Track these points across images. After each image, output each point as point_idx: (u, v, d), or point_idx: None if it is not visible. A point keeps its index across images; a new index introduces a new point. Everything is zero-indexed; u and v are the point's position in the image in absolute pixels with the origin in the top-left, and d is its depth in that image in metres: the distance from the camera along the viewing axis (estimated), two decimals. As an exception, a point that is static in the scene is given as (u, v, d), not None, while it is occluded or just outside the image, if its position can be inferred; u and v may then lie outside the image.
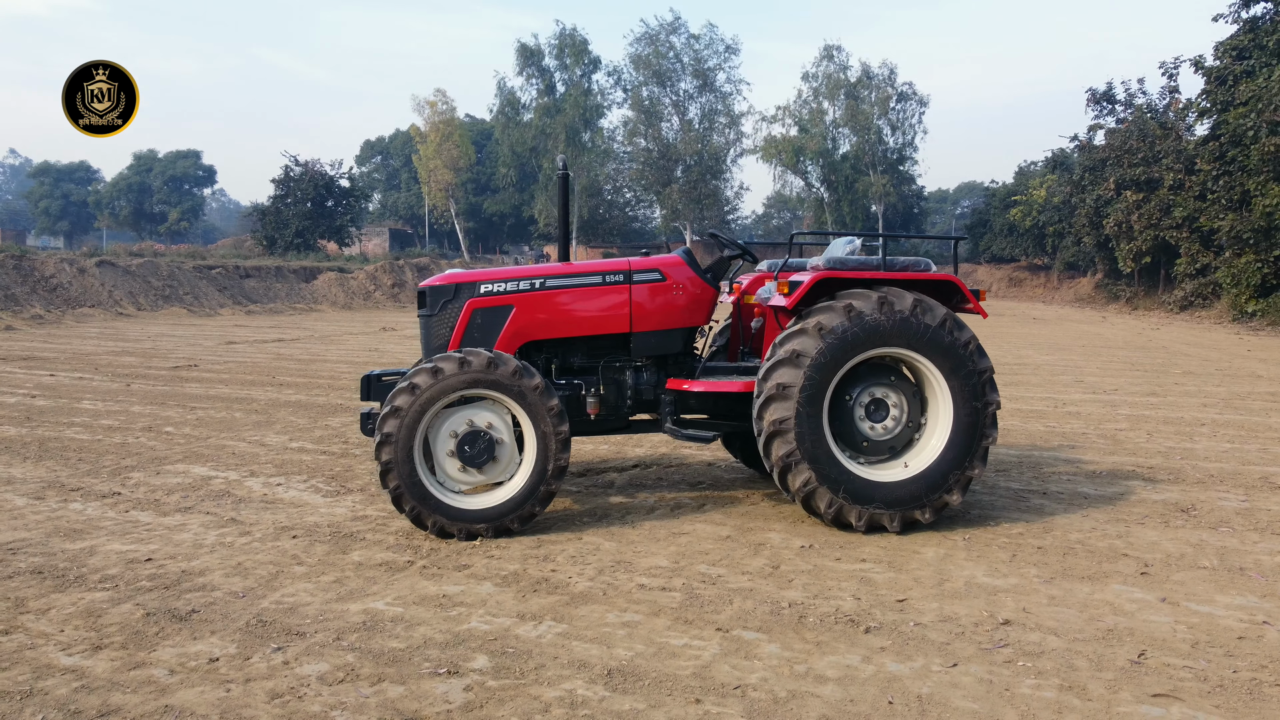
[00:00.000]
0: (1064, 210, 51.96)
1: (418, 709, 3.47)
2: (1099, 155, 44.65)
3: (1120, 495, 6.91)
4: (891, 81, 61.48)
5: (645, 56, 62.00)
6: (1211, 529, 6.03)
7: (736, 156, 64.79)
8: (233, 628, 4.22)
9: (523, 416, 5.59)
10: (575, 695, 3.58)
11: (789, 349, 5.70)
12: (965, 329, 5.85)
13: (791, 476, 5.75)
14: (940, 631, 4.26)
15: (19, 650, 3.95)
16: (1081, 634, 4.24)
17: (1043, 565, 5.23)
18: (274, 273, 40.96)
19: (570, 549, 5.44)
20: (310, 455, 8.11)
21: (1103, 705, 3.55)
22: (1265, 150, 28.27)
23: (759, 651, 4.01)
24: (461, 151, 64.10)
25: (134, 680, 3.68)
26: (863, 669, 3.85)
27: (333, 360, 16.74)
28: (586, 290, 6.18)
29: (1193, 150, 37.38)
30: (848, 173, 62.44)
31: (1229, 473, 7.72)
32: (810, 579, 4.96)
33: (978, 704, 3.55)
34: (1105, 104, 46.96)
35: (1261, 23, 33.76)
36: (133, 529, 5.82)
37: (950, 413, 5.85)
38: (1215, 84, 34.17)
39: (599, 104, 64.53)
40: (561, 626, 4.27)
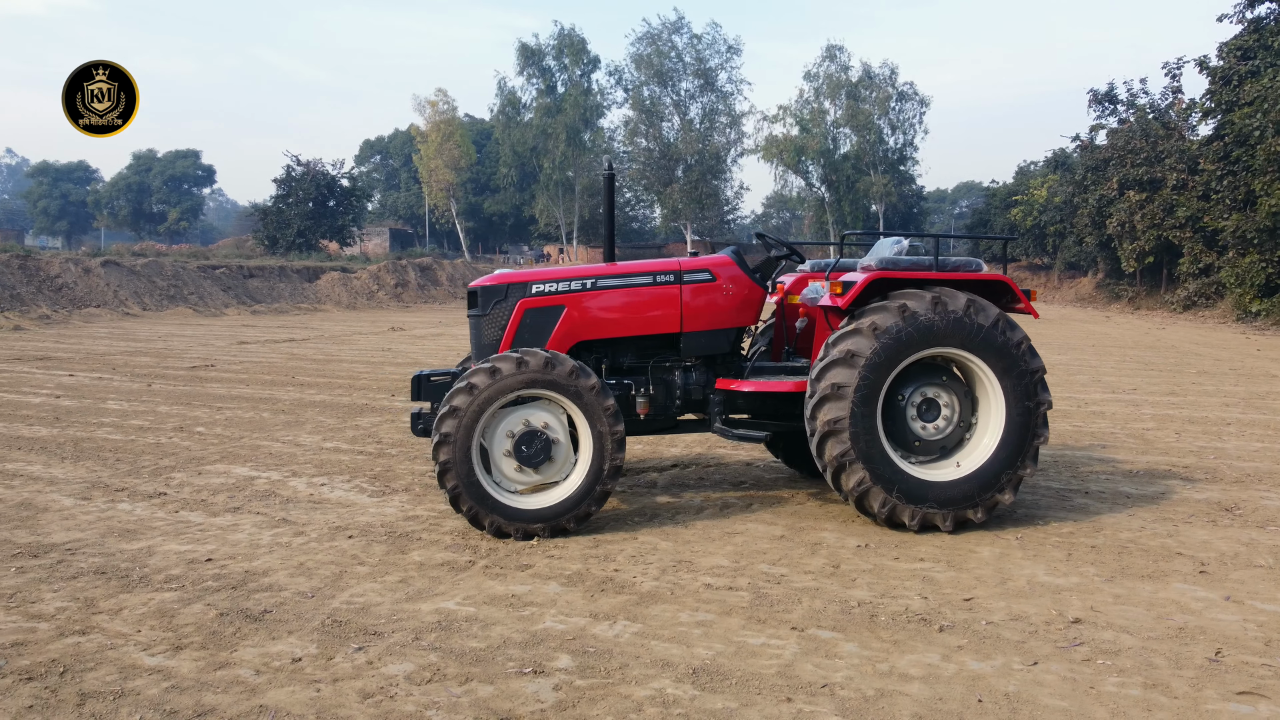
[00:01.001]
0: (1066, 210, 52.02)
1: (511, 708, 3.47)
2: (1102, 155, 44.71)
3: (1161, 494, 6.93)
4: (892, 81, 61.62)
5: (647, 56, 62.08)
6: (1260, 528, 6.05)
7: (737, 156, 64.93)
8: (308, 628, 4.22)
9: (579, 416, 5.60)
10: (665, 694, 3.59)
11: (843, 349, 5.71)
12: (1017, 329, 5.87)
13: (845, 476, 5.76)
14: (1013, 630, 4.27)
15: (100, 651, 3.96)
16: (1153, 632, 4.26)
17: (1100, 564, 5.25)
18: (277, 273, 40.93)
19: (629, 549, 5.45)
20: (348, 455, 8.11)
21: (1189, 703, 3.56)
22: (1271, 150, 28.34)
23: (838, 650, 4.03)
24: (462, 151, 64.13)
25: (221, 680, 3.68)
26: (944, 668, 3.86)
27: (348, 360, 16.73)
28: (637, 290, 6.19)
29: (1196, 150, 37.47)
30: (849, 172, 62.55)
31: (1265, 472, 7.75)
32: (873, 578, 4.98)
33: (1066, 701, 3.56)
34: (1107, 104, 47.05)
35: (1266, 23, 33.84)
36: (186, 529, 5.82)
37: (1003, 412, 5.87)
38: (1220, 84, 34.24)
39: (599, 104, 64.58)
40: (636, 626, 4.28)
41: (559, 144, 61.52)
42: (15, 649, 3.97)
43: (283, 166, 54.02)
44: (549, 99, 63.24)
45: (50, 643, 4.04)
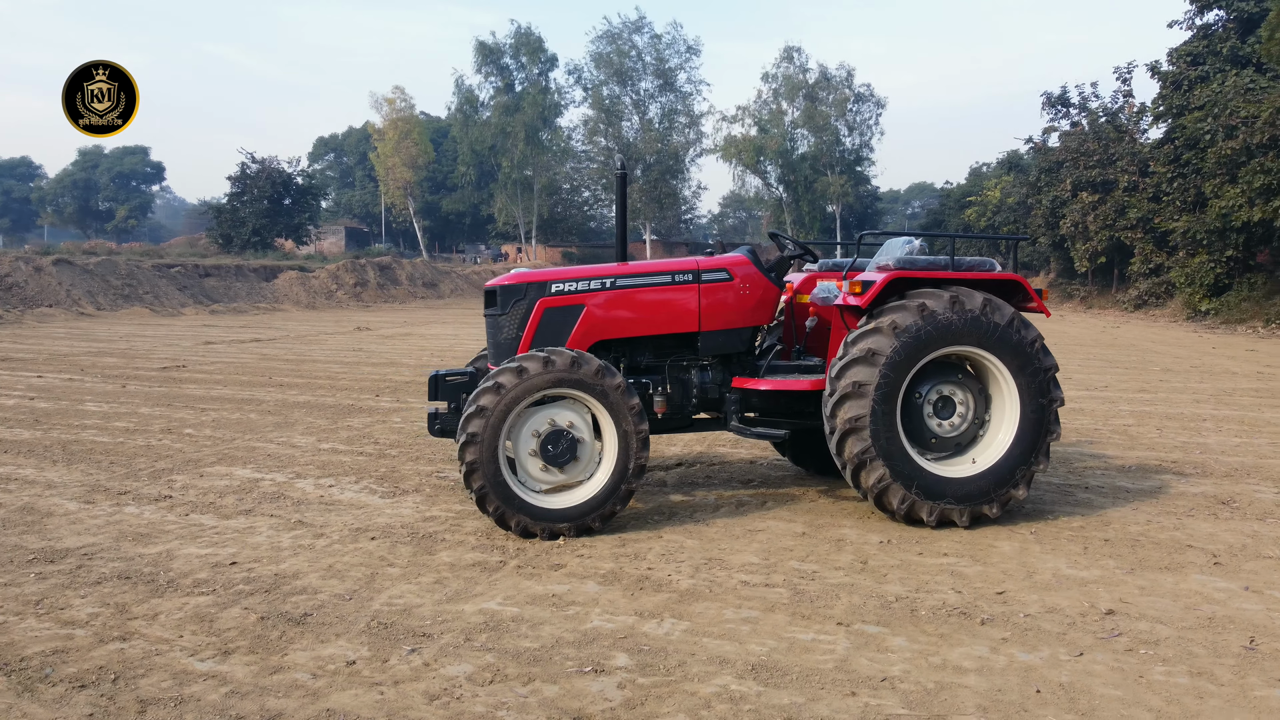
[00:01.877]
0: (1019, 211, 52.94)
1: (580, 707, 3.48)
2: (1055, 157, 45.56)
3: (1158, 489, 7.11)
4: (849, 83, 62.23)
5: (607, 55, 62.07)
6: (1259, 520, 6.23)
7: (696, 156, 65.16)
8: (354, 630, 4.18)
9: (604, 415, 5.60)
10: (730, 691, 3.62)
11: (864, 347, 5.78)
12: (1031, 327, 5.99)
13: (865, 474, 5.83)
14: (1051, 622, 4.36)
15: (146, 657, 3.88)
16: (1185, 622, 4.38)
17: (1118, 557, 5.38)
18: (234, 272, 40.29)
19: (657, 547, 5.47)
20: (348, 457, 8.02)
21: (1237, 690, 3.67)
22: (1222, 154, 29.10)
23: (888, 644, 4.08)
24: (420, 149, 63.58)
25: (280, 684, 3.63)
26: (995, 660, 3.94)
27: (322, 360, 16.52)
28: (656, 290, 6.21)
29: (1148, 153, 38.37)
30: (806, 173, 63.09)
31: (1251, 466, 7.98)
32: (904, 573, 5.05)
33: (1120, 691, 3.65)
34: (1060, 107, 47.95)
35: (1214, 29, 34.78)
36: (201, 532, 5.72)
37: (1017, 409, 5.98)
38: (1170, 89, 35.11)
39: (557, 102, 64.43)
40: (684, 624, 4.29)
41: (517, 143, 61.24)
42: (57, 656, 3.88)
43: (237, 164, 53.21)
44: (507, 97, 62.91)
45: (92, 650, 3.95)
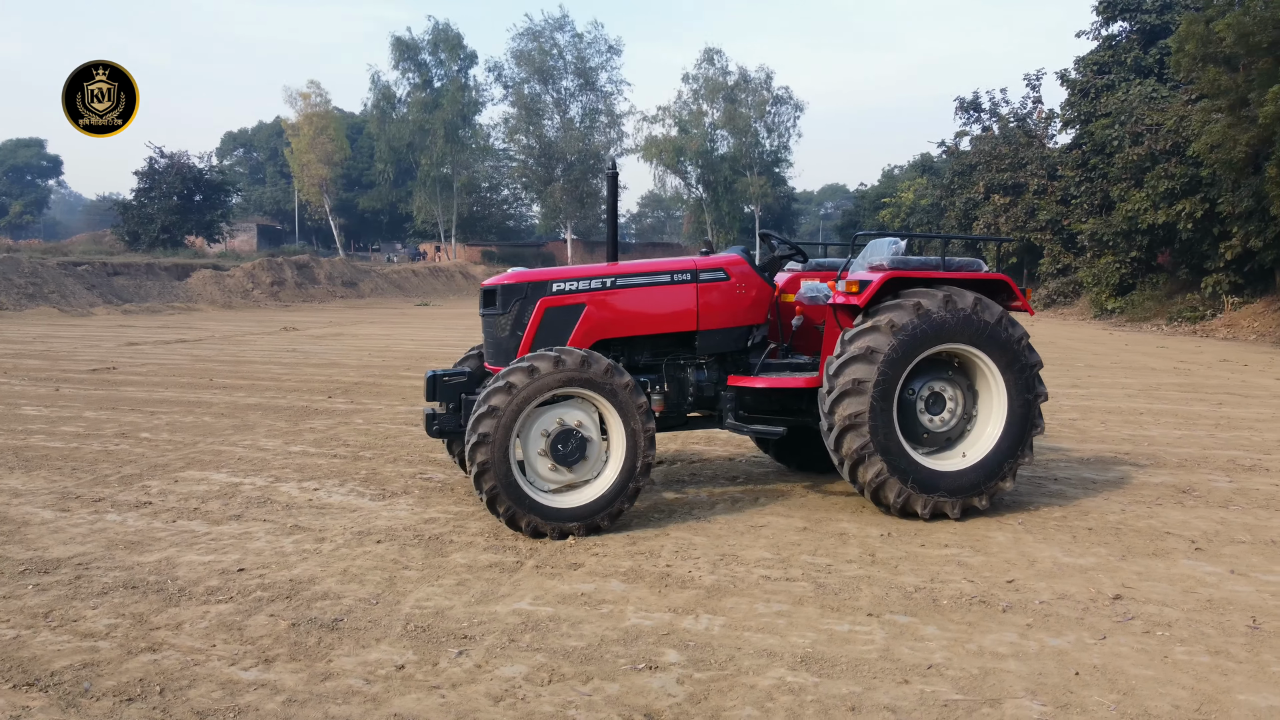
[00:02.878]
0: (933, 212, 54.46)
1: (647, 704, 3.50)
2: (968, 160, 47.02)
3: (1121, 479, 7.44)
4: (768, 86, 63.13)
5: (528, 53, 61.68)
6: (1222, 508, 6.58)
7: (617, 156, 65.21)
8: (393, 634, 4.12)
9: (612, 414, 5.62)
10: (786, 682, 3.68)
11: (862, 345, 5.91)
12: (1018, 325, 6.21)
13: (863, 469, 5.97)
14: (1067, 608, 4.54)
15: (185, 667, 3.77)
16: (1187, 605, 4.61)
17: (1106, 545, 5.62)
18: (145, 270, 38.91)
19: (668, 545, 5.51)
20: (323, 459, 7.85)
21: (1256, 667, 3.89)
22: (1128, 159, 30.44)
23: (922, 634, 4.20)
24: (337, 146, 62.20)
25: (335, 691, 3.57)
26: (1027, 645, 4.09)
27: (259, 361, 16.09)
28: (656, 289, 6.25)
29: (1057, 157, 39.87)
30: (727, 173, 63.76)
31: (1198, 457, 8.41)
32: (913, 565, 5.19)
33: (1152, 671, 3.83)
34: (972, 112, 49.53)
35: (1118, 40, 36.36)
36: (196, 539, 5.55)
37: (1005, 404, 6.20)
38: (1079, 96, 36.56)
39: (477, 100, 63.84)
40: (721, 619, 4.35)
41: (437, 140, 60.45)
42: (90, 670, 3.74)
43: (145, 158, 51.29)
44: (425, 94, 62.06)
45: (124, 662, 3.82)
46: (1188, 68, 21.23)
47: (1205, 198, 27.82)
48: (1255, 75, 18.13)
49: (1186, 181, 28.20)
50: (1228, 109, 19.70)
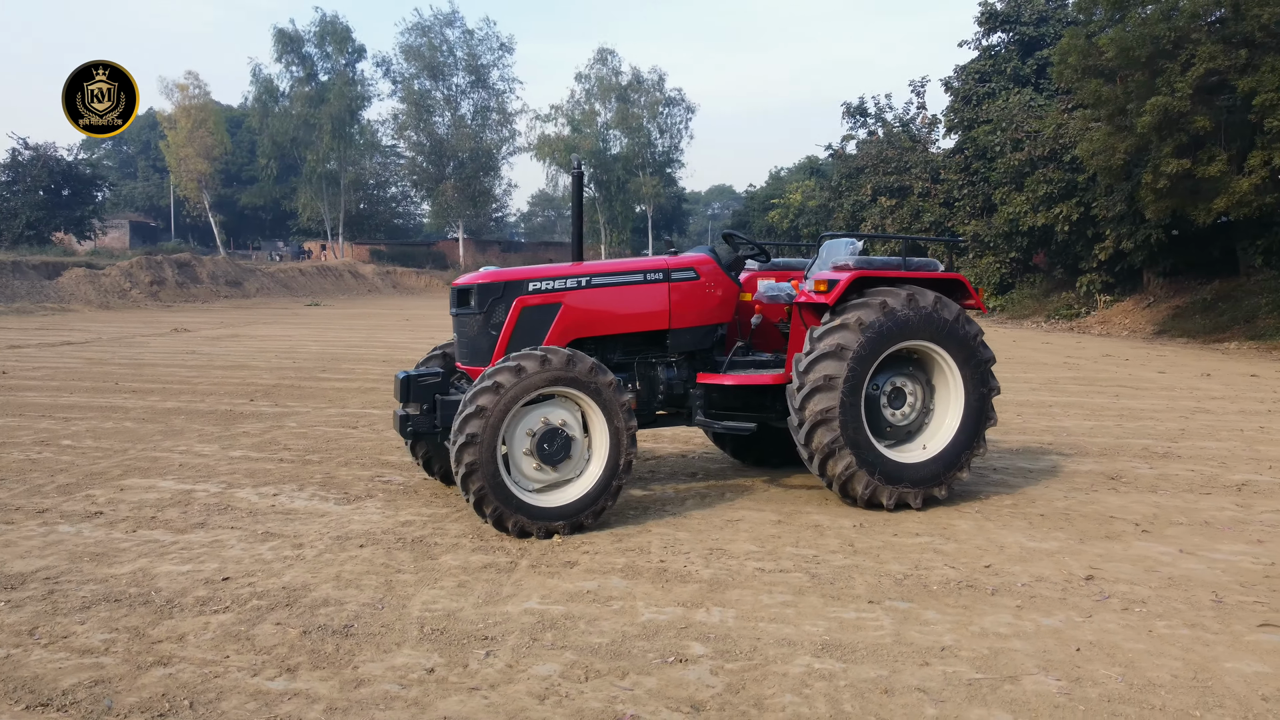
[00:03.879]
0: (821, 214, 55.88)
1: (690, 695, 3.56)
2: (856, 163, 48.44)
3: (1054, 468, 7.87)
4: (661, 87, 63.67)
5: (417, 48, 60.60)
6: (1152, 492, 7.04)
7: (509, 154, 64.79)
8: (410, 638, 4.07)
9: (596, 412, 5.65)
10: (815, 669, 3.80)
11: (832, 342, 6.10)
12: (973, 322, 6.50)
13: (833, 462, 6.15)
14: (1048, 589, 4.81)
15: (206, 680, 3.64)
16: (1152, 583, 4.93)
17: (1062, 530, 5.95)
18: (10, 268, 36.60)
19: (654, 540, 5.57)
20: (270, 464, 7.61)
21: (1231, 637, 4.20)
22: (1009, 164, 31.91)
23: (925, 618, 4.39)
24: (216, 140, 59.77)
25: (374, 697, 3.51)
26: (1024, 625, 4.31)
27: (161, 364, 15.41)
28: (630, 288, 6.29)
29: (940, 161, 41.48)
30: (619, 173, 64.00)
31: (1116, 446, 8.95)
32: (894, 553, 5.39)
33: (1142, 644, 4.10)
34: (859, 116, 51.04)
35: (998, 50, 38.06)
36: (165, 549, 5.33)
37: (962, 398, 6.48)
38: (961, 103, 38.10)
39: (364, 95, 62.41)
40: (732, 611, 4.44)
41: (323, 135, 58.81)
42: (103, 687, 3.57)
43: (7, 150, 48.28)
44: (310, 88, 60.26)
45: (136, 677, 3.66)
46: (1070, 79, 22.41)
47: (1081, 201, 29.44)
48: (1133, 87, 19.31)
49: (1064, 186, 29.77)
50: (1107, 118, 20.90)
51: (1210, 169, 18.66)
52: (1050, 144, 29.91)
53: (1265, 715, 3.45)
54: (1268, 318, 23.15)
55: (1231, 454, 8.60)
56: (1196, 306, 27.10)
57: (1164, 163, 19.21)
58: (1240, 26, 17.57)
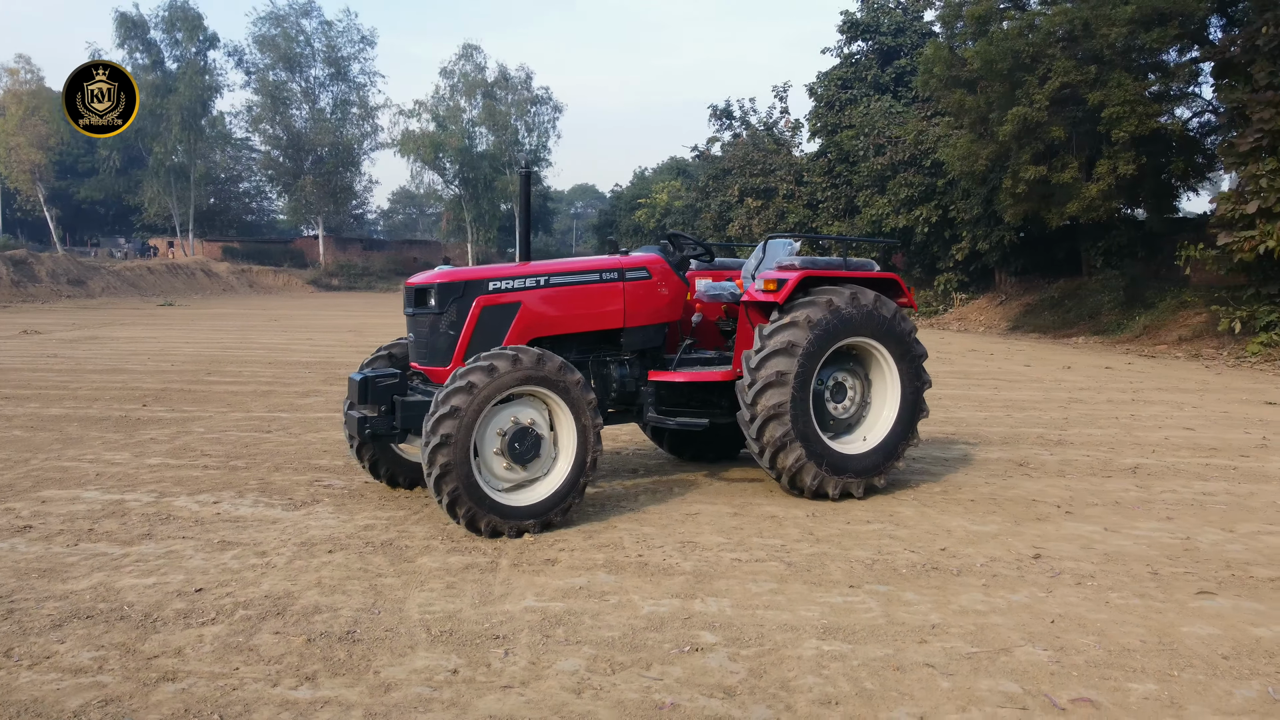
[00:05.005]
0: (688, 214, 56.83)
1: (718, 682, 3.67)
2: (723, 165, 49.48)
3: (966, 457, 8.36)
4: (528, 85, 63.33)
5: (272, 38, 58.26)
6: (1060, 476, 7.58)
7: (371, 149, 63.16)
8: (421, 641, 4.03)
9: (564, 411, 5.68)
10: (825, 651, 3.98)
11: (782, 340, 6.32)
12: (908, 319, 6.85)
13: (783, 455, 6.38)
14: (1004, 568, 5.15)
15: (225, 693, 3.52)
16: (1093, 559, 5.35)
17: (995, 513, 6.36)
18: None
19: (624, 536, 5.65)
20: (195, 471, 7.29)
21: (1176, 604, 4.62)
22: (872, 168, 33.31)
23: (906, 599, 4.63)
24: (51, 129, 55.82)
25: (409, 700, 3.47)
26: (996, 601, 4.62)
27: (23, 369, 14.40)
28: (586, 288, 6.34)
29: (804, 164, 42.86)
30: (486, 171, 63.30)
31: (1013, 435, 9.56)
32: (854, 541, 5.65)
33: (1105, 614, 4.46)
34: (725, 119, 52.16)
35: (858, 58, 39.64)
36: (118, 562, 5.06)
37: (899, 391, 6.83)
38: (825, 108, 39.50)
39: (215, 85, 59.65)
40: (726, 600, 4.57)
41: (172, 127, 55.85)
42: (114, 706, 3.41)
43: None
44: (155, 76, 57.11)
45: (148, 694, 3.51)
46: (934, 88, 23.60)
47: (939, 204, 31.03)
48: (994, 97, 20.53)
49: (924, 189, 31.30)
50: (969, 126, 22.14)
51: (1064, 175, 20.03)
52: (911, 149, 31.37)
53: (1229, 671, 3.83)
54: (1110, 314, 25.01)
55: (1115, 440, 9.33)
56: (1045, 304, 29.00)
57: (1022, 169, 20.49)
58: (1090, 44, 18.94)
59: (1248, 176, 17.31)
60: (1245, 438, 9.55)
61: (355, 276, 60.63)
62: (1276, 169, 16.72)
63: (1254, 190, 17.04)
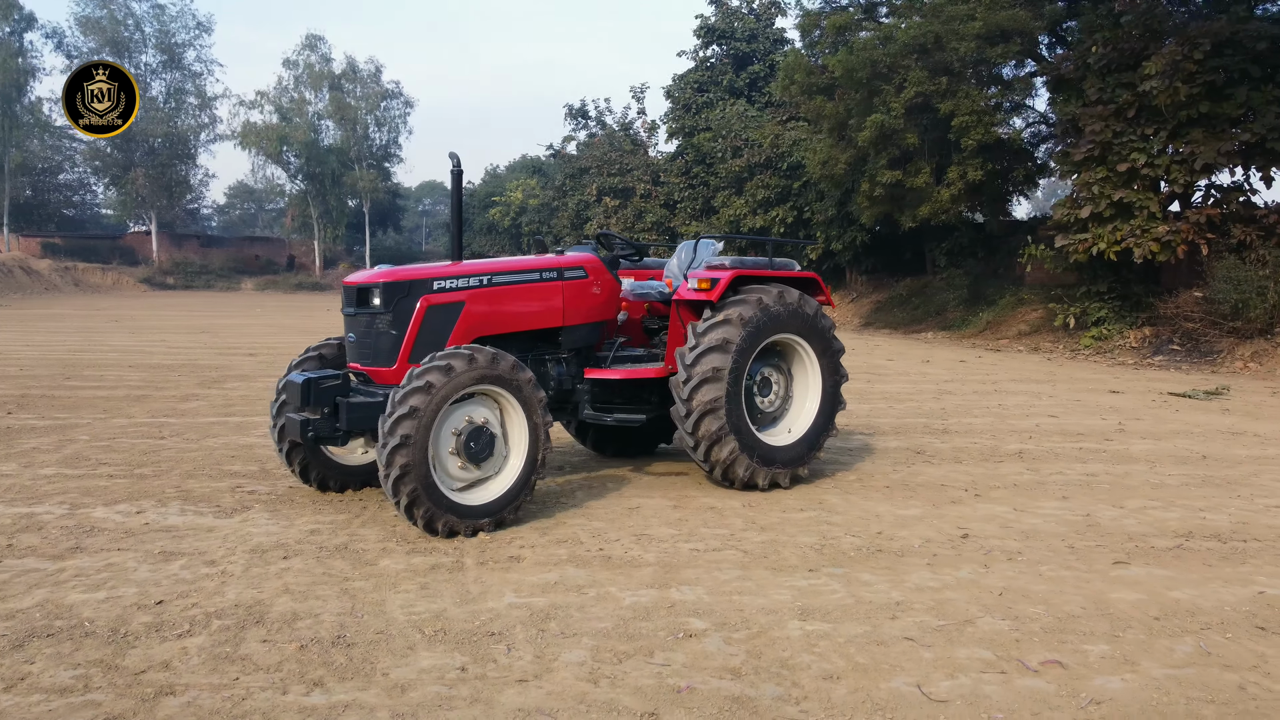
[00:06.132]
0: (544, 212, 56.78)
1: (721, 665, 3.83)
2: (580, 164, 49.70)
3: (867, 446, 8.83)
4: (378, 78, 61.70)
5: (97, 20, 54.62)
6: (957, 463, 8.12)
7: (209, 141, 60.14)
8: (419, 641, 4.01)
9: (516, 409, 5.71)
10: (810, 631, 4.20)
11: (717, 337, 6.54)
12: (828, 316, 7.20)
13: (718, 448, 6.60)
14: (941, 548, 5.52)
15: (236, 704, 3.42)
16: (1013, 537, 5.80)
17: (912, 498, 6.77)
18: None
19: (578, 531, 5.73)
20: (99, 480, 6.89)
21: (1100, 572, 5.09)
22: (730, 170, 34.22)
23: (864, 579, 4.92)
24: None
25: (430, 699, 3.47)
26: (945, 578, 4.96)
27: None
28: (527, 287, 6.38)
29: (661, 165, 43.57)
30: (334, 166, 61.30)
31: (900, 425, 10.15)
32: (797, 528, 5.92)
33: (1042, 586, 4.87)
34: (580, 119, 52.42)
35: (713, 63, 40.61)
36: (56, 577, 4.77)
37: (820, 385, 7.17)
38: (682, 110, 40.27)
39: (33, 68, 55.51)
40: (700, 588, 4.73)
41: (-18, 111, 51.58)
42: (120, 723, 3.28)
43: None
44: (-38, 56, 52.59)
45: (152, 710, 3.37)
46: (794, 94, 24.50)
47: (794, 205, 32.19)
48: (854, 105, 21.52)
49: (780, 191, 32.40)
50: (828, 132, 23.12)
51: (918, 180, 21.21)
52: (768, 152, 32.41)
53: (1164, 630, 4.27)
54: (955, 310, 26.60)
55: (993, 428, 10.03)
56: (895, 301, 30.56)
57: (880, 173, 21.56)
58: (942, 57, 20.13)
59: (1082, 184, 18.80)
60: (1103, 423, 10.44)
61: (193, 275, 57.58)
62: (1107, 177, 18.23)
63: (1087, 196, 18.52)
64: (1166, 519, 6.26)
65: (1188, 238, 17.49)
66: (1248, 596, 4.74)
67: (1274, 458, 8.50)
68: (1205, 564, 5.28)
